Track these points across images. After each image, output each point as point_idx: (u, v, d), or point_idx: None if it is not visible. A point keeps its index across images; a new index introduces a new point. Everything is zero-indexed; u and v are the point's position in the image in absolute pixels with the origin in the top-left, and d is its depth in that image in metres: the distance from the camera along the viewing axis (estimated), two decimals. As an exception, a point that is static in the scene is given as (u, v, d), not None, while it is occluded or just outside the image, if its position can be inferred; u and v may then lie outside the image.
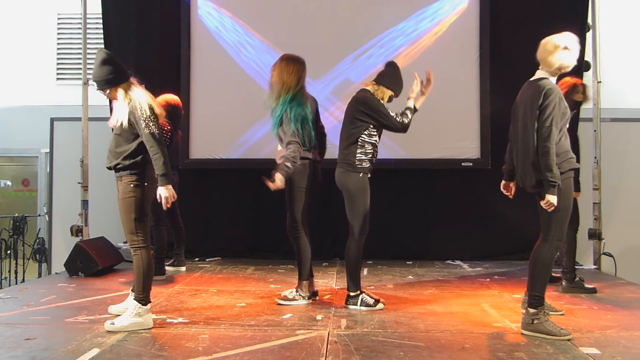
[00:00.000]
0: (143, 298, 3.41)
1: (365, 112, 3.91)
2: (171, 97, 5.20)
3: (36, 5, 8.05)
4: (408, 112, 3.99)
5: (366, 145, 3.93)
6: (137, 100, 3.46)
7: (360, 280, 4.02)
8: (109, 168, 3.55)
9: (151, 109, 3.47)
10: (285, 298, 4.11)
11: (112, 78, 3.48)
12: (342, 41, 6.26)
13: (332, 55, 6.22)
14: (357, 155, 3.91)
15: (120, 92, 3.48)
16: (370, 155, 3.95)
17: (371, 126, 3.94)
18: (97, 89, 3.56)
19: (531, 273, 3.34)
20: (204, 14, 6.43)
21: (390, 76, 4.04)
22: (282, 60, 4.07)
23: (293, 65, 4.03)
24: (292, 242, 4.13)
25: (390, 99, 4.02)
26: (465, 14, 6.27)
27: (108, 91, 3.52)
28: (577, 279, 4.56)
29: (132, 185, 3.44)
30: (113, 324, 3.37)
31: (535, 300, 3.28)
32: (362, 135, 3.92)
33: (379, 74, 4.06)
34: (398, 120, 3.93)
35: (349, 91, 6.20)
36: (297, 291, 4.13)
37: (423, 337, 3.26)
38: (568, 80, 4.58)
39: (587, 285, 4.55)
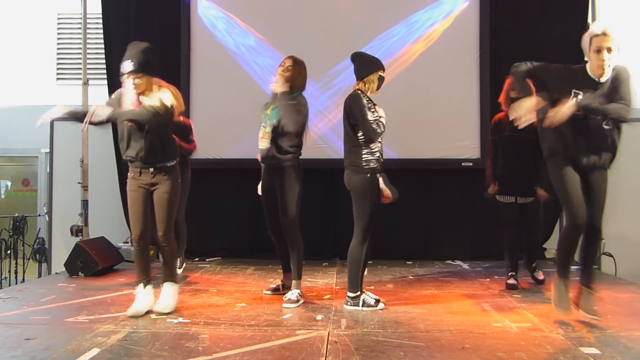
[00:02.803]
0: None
1: (350, 111, 3.91)
2: None
3: (36, 5, 8.04)
4: (383, 122, 3.95)
5: (371, 145, 3.91)
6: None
7: (361, 281, 4.01)
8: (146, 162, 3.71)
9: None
10: (291, 301, 4.05)
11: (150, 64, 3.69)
12: (341, 41, 6.24)
13: (332, 55, 6.20)
14: (363, 156, 3.89)
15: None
16: (377, 154, 3.93)
17: None
18: (132, 70, 3.58)
19: None
20: (204, 14, 6.43)
21: (364, 65, 4.03)
22: (298, 62, 4.22)
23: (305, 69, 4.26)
24: (292, 242, 4.17)
25: (380, 81, 4.01)
26: (465, 14, 6.27)
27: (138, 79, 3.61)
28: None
29: (178, 180, 3.82)
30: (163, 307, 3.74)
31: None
32: (363, 136, 3.90)
33: (356, 72, 4.05)
34: (374, 127, 3.87)
35: (349, 91, 6.22)
36: (299, 292, 4.15)
37: (423, 337, 3.26)
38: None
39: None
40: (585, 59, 3.45)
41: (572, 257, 3.57)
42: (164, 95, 3.68)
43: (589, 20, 6.18)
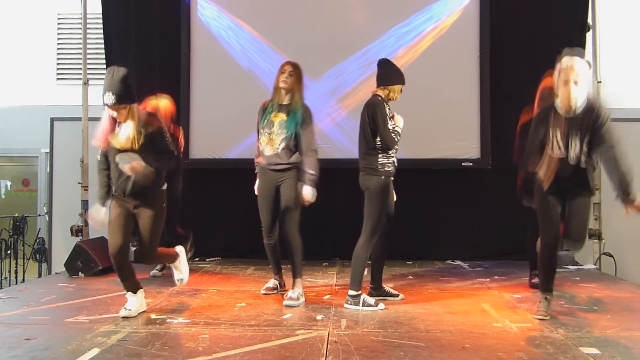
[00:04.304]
0: None
1: (372, 117, 3.94)
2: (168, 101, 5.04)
3: (36, 5, 8.04)
4: (398, 131, 4.02)
5: (387, 150, 3.98)
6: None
7: (362, 281, 4.02)
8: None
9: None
10: (292, 299, 4.07)
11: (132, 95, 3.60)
12: (342, 42, 6.26)
13: (332, 56, 6.22)
14: (380, 159, 3.97)
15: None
16: (392, 159, 4.02)
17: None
18: (114, 103, 3.51)
19: None
20: (204, 14, 6.43)
21: (390, 73, 4.08)
22: (297, 67, 4.24)
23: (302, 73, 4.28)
24: (292, 243, 4.19)
25: (400, 92, 4.09)
26: (465, 14, 6.27)
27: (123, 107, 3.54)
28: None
29: (163, 204, 3.78)
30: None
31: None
32: (381, 142, 3.95)
33: (379, 77, 4.09)
34: (391, 136, 3.95)
35: (348, 91, 6.24)
36: (300, 291, 4.17)
37: (423, 337, 3.26)
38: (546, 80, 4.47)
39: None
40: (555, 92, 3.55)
41: (554, 272, 3.75)
42: (161, 132, 3.68)
43: (589, 20, 6.18)
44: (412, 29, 6.27)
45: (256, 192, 4.41)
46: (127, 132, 3.57)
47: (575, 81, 3.41)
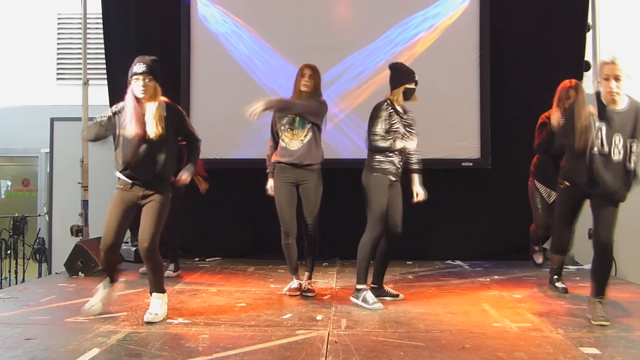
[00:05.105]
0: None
1: (370, 118, 4.06)
2: None
3: (36, 5, 8.05)
4: (392, 143, 4.02)
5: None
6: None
7: (366, 276, 4.07)
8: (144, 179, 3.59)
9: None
10: (311, 291, 4.36)
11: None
12: (342, 42, 6.26)
13: (332, 56, 6.21)
14: (376, 157, 4.04)
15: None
16: (392, 158, 4.05)
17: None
18: (144, 72, 3.50)
19: None
20: (204, 14, 6.43)
21: (395, 76, 4.16)
22: (316, 70, 4.37)
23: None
24: (313, 240, 4.41)
25: (407, 92, 4.11)
26: (465, 14, 6.26)
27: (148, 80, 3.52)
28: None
29: (170, 195, 3.71)
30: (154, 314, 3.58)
31: None
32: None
33: (390, 82, 4.18)
34: (377, 139, 3.99)
35: (348, 92, 6.23)
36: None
37: (423, 337, 3.26)
38: (564, 82, 4.54)
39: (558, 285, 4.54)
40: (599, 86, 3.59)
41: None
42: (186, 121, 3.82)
43: (589, 20, 6.18)
44: (412, 28, 6.27)
45: (269, 192, 4.43)
46: (151, 113, 3.52)
47: (615, 76, 3.41)
